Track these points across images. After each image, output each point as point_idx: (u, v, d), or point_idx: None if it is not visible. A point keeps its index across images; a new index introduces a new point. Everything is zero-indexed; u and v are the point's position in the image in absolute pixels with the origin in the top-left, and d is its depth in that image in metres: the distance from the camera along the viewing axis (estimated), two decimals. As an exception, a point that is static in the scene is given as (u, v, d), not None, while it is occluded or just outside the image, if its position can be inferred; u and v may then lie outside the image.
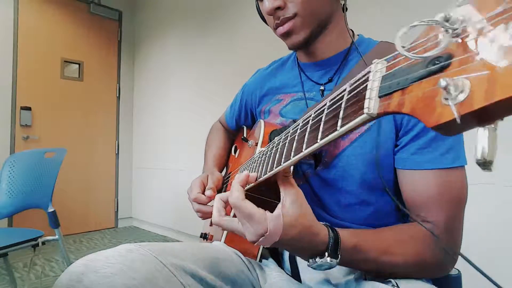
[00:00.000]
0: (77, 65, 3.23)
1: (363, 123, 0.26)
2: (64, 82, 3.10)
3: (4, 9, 2.76)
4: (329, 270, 0.57)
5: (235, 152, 0.89)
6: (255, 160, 0.53)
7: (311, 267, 0.44)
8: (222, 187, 0.82)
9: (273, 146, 0.45)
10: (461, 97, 0.18)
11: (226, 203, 0.52)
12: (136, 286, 0.39)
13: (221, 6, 2.64)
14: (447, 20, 0.20)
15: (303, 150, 0.34)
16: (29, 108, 2.85)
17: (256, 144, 0.64)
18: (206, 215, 0.72)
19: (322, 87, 0.66)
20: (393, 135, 0.56)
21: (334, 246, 0.44)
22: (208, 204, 0.70)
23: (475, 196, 1.31)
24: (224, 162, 0.92)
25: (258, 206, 0.43)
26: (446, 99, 0.19)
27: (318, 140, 0.31)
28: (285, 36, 0.61)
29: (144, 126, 3.49)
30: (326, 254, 0.43)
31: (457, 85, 0.18)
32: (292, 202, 0.42)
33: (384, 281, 0.50)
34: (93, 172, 3.29)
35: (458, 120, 0.18)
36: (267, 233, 0.40)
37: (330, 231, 0.45)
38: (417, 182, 0.53)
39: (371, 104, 0.25)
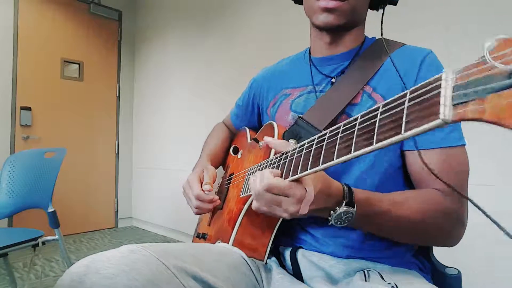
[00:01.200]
0: (77, 65, 3.23)
1: (432, 128, 0.27)
2: (64, 82, 3.10)
3: (4, 9, 2.76)
4: (331, 267, 0.57)
5: (235, 152, 0.88)
6: (274, 162, 0.54)
7: (332, 223, 0.48)
8: (223, 187, 0.82)
9: (303, 148, 0.46)
10: None
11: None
12: (138, 287, 0.39)
13: (221, 6, 2.64)
14: None
15: (351, 151, 0.35)
16: (29, 108, 2.85)
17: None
18: (203, 210, 0.72)
19: (333, 79, 0.67)
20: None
21: (349, 194, 0.48)
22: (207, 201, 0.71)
23: (477, 196, 1.32)
24: (220, 160, 0.91)
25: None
26: None
27: (374, 143, 0.32)
28: (327, 10, 0.62)
29: (144, 126, 3.49)
30: (344, 202, 0.47)
31: None
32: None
33: (384, 283, 0.50)
34: (93, 172, 3.29)
35: None
36: (306, 194, 0.46)
37: (344, 184, 0.50)
38: (427, 159, 0.55)
39: (446, 111, 0.26)
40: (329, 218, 0.48)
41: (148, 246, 0.47)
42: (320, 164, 0.40)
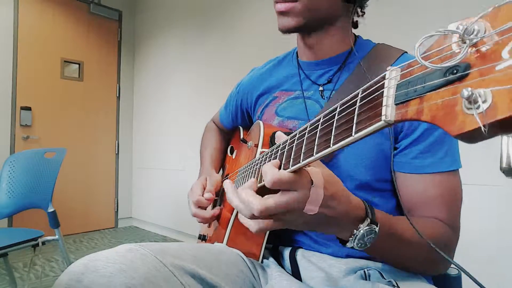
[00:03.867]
0: (77, 65, 3.23)
1: (379, 129, 0.26)
2: (64, 82, 3.10)
3: (4, 9, 2.76)
4: (330, 267, 0.57)
5: (231, 153, 0.88)
6: (257, 162, 0.53)
7: (354, 246, 0.41)
8: (220, 189, 0.81)
9: (278, 149, 0.44)
10: (484, 106, 0.19)
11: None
12: (136, 286, 0.39)
13: (221, 6, 2.64)
14: (464, 30, 0.21)
15: (314, 154, 0.34)
16: (29, 108, 2.85)
17: (256, 146, 0.63)
18: (203, 220, 0.72)
19: (321, 88, 0.65)
20: (392, 135, 0.56)
21: (371, 211, 0.42)
22: (207, 209, 0.71)
23: (481, 197, 1.32)
24: (220, 163, 0.91)
25: None
26: (469, 108, 0.19)
27: (331, 145, 0.31)
28: (280, 14, 0.62)
29: (144, 126, 3.49)
30: (368, 219, 0.41)
31: (480, 94, 0.19)
32: (319, 165, 0.40)
33: (385, 281, 0.50)
34: (93, 172, 3.29)
35: (483, 129, 0.19)
36: (313, 185, 0.37)
37: (362, 200, 0.43)
38: (417, 185, 0.54)
39: (388, 111, 0.25)
40: (351, 238, 0.41)
41: (146, 245, 0.47)
42: (290, 166, 0.37)
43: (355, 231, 0.41)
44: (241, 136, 0.83)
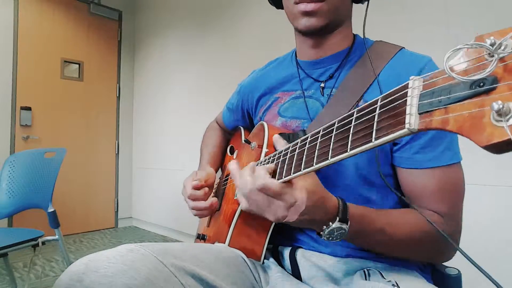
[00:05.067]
0: (77, 65, 3.23)
1: (401, 137, 0.27)
2: (64, 82, 3.10)
3: (4, 9, 2.76)
4: (330, 267, 0.57)
5: (231, 153, 0.88)
6: (262, 164, 0.53)
7: (324, 238, 0.46)
8: (220, 188, 0.82)
9: (287, 152, 0.46)
10: None
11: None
12: (137, 286, 0.39)
13: (221, 6, 2.64)
14: (492, 45, 0.22)
15: (329, 158, 0.35)
16: (29, 108, 2.85)
17: (260, 147, 0.62)
18: (202, 212, 0.72)
19: (322, 84, 0.66)
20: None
21: (343, 210, 0.47)
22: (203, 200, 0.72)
23: (481, 197, 1.32)
24: (220, 162, 0.91)
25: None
26: (498, 120, 0.20)
27: (348, 150, 0.32)
28: (307, 14, 0.60)
29: (144, 126, 3.49)
30: (337, 218, 0.46)
31: (509, 108, 0.20)
32: (308, 176, 0.46)
33: (385, 281, 0.50)
34: (93, 172, 3.29)
35: None
36: (297, 202, 0.44)
37: (339, 199, 0.48)
38: (418, 179, 0.55)
39: (412, 120, 0.26)
40: (321, 233, 0.47)
41: (147, 245, 0.47)
42: (302, 168, 0.40)
43: (324, 227, 0.46)
44: (243, 137, 0.83)
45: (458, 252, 0.56)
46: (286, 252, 0.63)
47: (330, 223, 0.46)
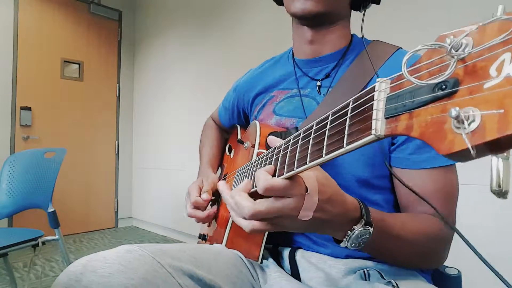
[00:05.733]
0: (77, 65, 3.23)
1: (369, 143, 0.26)
2: (64, 82, 3.10)
3: (4, 9, 2.76)
4: (330, 267, 0.57)
5: (229, 152, 0.88)
6: (254, 165, 0.53)
7: (348, 245, 0.41)
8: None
9: (273, 153, 0.44)
10: (473, 126, 0.18)
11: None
12: (134, 286, 0.40)
13: (221, 6, 2.64)
14: (451, 45, 0.21)
15: (307, 163, 0.34)
16: (29, 108, 2.85)
17: (253, 146, 0.62)
18: (199, 220, 0.72)
19: (318, 83, 0.66)
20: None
21: (367, 211, 0.42)
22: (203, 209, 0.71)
23: (480, 197, 1.32)
24: (218, 162, 0.91)
25: None
26: (457, 127, 0.19)
27: (323, 155, 0.31)
28: None
29: (144, 126, 3.49)
30: (363, 220, 0.41)
31: (468, 114, 0.18)
32: (315, 168, 0.40)
33: (384, 282, 0.50)
34: (93, 172, 3.29)
35: (471, 151, 0.18)
36: (308, 192, 0.38)
37: (356, 199, 0.43)
38: (414, 180, 0.54)
39: (378, 125, 0.25)
40: (344, 239, 0.41)
41: (145, 246, 0.47)
42: (285, 173, 0.37)
43: (349, 232, 0.41)
44: (239, 136, 0.83)
45: (458, 253, 0.56)
46: (286, 252, 0.63)
47: (355, 227, 0.41)
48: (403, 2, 1.60)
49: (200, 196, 0.71)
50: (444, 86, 0.21)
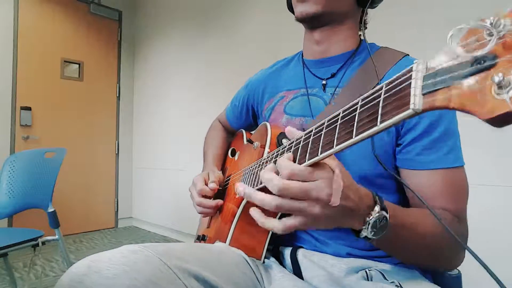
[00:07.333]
0: (77, 65, 3.23)
1: (406, 118, 0.28)
2: (64, 82, 3.10)
3: (4, 9, 2.76)
4: (332, 266, 0.57)
5: (232, 155, 0.88)
6: (267, 160, 0.53)
7: (367, 233, 0.41)
8: (222, 188, 0.82)
9: (292, 145, 0.44)
10: None
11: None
12: (139, 287, 0.39)
13: (221, 6, 2.64)
14: (491, 24, 0.23)
15: (333, 146, 0.35)
16: (29, 108, 2.85)
17: (263, 147, 0.62)
18: (207, 210, 0.71)
19: (324, 81, 0.67)
20: (393, 132, 0.57)
21: (380, 197, 0.43)
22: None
23: (481, 196, 1.32)
24: (222, 163, 0.91)
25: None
26: (498, 93, 0.21)
27: (353, 136, 0.32)
28: (299, 1, 0.63)
29: (144, 126, 3.49)
30: (378, 206, 0.42)
31: (509, 81, 0.20)
32: (333, 158, 0.40)
33: (388, 282, 0.50)
34: (93, 172, 3.29)
35: None
36: (335, 173, 0.38)
37: (367, 188, 0.44)
38: (422, 181, 0.55)
39: (417, 100, 0.27)
40: (364, 227, 0.41)
41: (150, 246, 0.46)
42: (307, 160, 0.38)
43: (367, 218, 0.42)
44: (245, 138, 0.83)
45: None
46: (287, 252, 0.63)
47: (372, 212, 0.41)
48: (404, 3, 1.60)
49: (207, 185, 0.71)
50: (483, 61, 0.23)
